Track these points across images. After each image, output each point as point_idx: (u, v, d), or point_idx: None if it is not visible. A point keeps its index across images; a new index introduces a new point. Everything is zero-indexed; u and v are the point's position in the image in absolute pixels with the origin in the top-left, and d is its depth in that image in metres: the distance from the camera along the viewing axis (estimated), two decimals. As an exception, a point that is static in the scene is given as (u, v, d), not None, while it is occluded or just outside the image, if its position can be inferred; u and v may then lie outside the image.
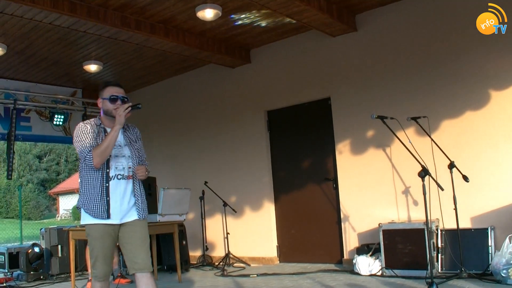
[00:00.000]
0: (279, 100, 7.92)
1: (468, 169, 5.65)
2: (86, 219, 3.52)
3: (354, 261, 6.39)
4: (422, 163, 4.98)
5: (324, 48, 7.37)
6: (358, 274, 6.22)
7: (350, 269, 6.53)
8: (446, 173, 5.64)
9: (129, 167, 3.62)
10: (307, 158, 7.75)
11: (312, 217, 7.56)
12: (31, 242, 8.51)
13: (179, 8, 6.54)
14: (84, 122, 3.61)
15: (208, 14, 6.51)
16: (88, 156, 3.42)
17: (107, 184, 3.50)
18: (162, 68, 9.14)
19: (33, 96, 9.00)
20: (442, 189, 5.04)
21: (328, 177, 7.40)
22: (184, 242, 8.03)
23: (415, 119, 5.80)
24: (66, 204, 33.58)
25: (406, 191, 6.48)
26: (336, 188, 7.25)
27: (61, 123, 9.21)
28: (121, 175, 3.57)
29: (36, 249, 7.64)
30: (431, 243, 5.70)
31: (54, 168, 40.70)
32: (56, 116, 9.09)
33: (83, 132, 3.51)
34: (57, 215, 34.87)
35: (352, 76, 7.10)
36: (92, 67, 8.43)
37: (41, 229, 8.46)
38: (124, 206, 3.55)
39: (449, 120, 6.20)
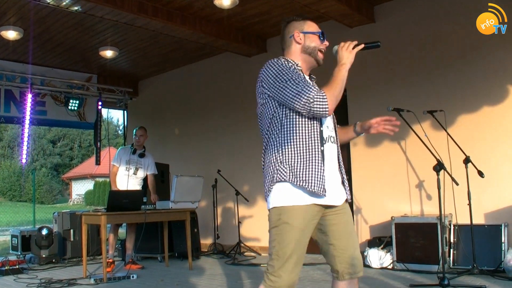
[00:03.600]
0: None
1: (484, 164, 5.58)
2: (290, 197, 2.49)
3: (365, 254, 6.37)
4: (438, 157, 4.94)
5: (341, 39, 7.26)
6: (369, 266, 6.20)
7: (361, 261, 6.51)
8: (461, 168, 5.57)
9: (334, 129, 2.72)
10: (320, 149, 7.71)
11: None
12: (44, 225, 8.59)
13: (196, -5, 6.54)
14: (279, 59, 2.64)
15: (225, 1, 6.51)
16: (319, 98, 2.41)
17: (322, 148, 2.54)
18: (178, 56, 9.14)
19: (48, 80, 9.03)
20: (457, 184, 4.99)
21: (341, 169, 7.36)
22: (195, 230, 8.07)
23: (431, 112, 5.74)
24: (79, 189, 33.91)
25: (420, 185, 6.44)
26: (350, 180, 7.22)
27: (76, 108, 9.27)
28: (332, 137, 2.66)
29: (43, 232, 7.67)
30: (444, 238, 5.66)
31: (68, 153, 41.06)
32: (71, 101, 9.15)
33: (290, 69, 2.54)
34: (70, 199, 35.24)
35: (369, 67, 7.03)
36: (108, 53, 8.46)
37: (54, 213, 8.54)
38: (336, 181, 2.63)
39: (465, 115, 6.14)
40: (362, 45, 2.63)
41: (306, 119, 2.53)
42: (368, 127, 2.78)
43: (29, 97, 8.44)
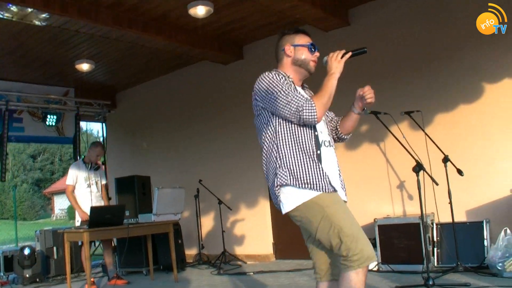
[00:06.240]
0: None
1: (462, 162, 5.64)
2: (305, 195, 2.58)
3: (350, 257, 6.38)
4: (417, 158, 4.97)
5: (318, 43, 7.29)
6: (354, 269, 6.21)
7: (346, 265, 6.52)
8: (440, 167, 5.62)
9: (328, 134, 2.87)
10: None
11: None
12: (26, 244, 8.46)
13: (171, 6, 6.52)
14: (270, 72, 2.76)
15: (200, 11, 6.48)
16: (308, 106, 2.55)
17: (318, 152, 2.67)
18: (155, 66, 9.10)
19: (25, 96, 8.91)
20: (437, 184, 5.03)
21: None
22: (179, 241, 8.01)
23: (408, 113, 5.79)
24: (61, 203, 33.49)
25: (401, 186, 6.48)
26: (331, 184, 7.23)
27: (54, 123, 9.16)
28: (327, 141, 2.78)
29: (26, 252, 7.57)
30: (427, 237, 5.69)
31: (49, 168, 40.57)
32: (48, 116, 9.04)
33: (281, 81, 2.68)
34: (52, 215, 34.79)
35: (345, 70, 7.03)
36: (84, 66, 8.37)
37: (36, 231, 8.44)
38: (338, 182, 2.73)
39: (442, 114, 6.21)
40: (350, 53, 2.80)
41: (299, 126, 2.67)
42: (360, 100, 2.97)
43: (6, 114, 8.30)
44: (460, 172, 5.43)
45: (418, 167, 4.88)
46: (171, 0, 6.34)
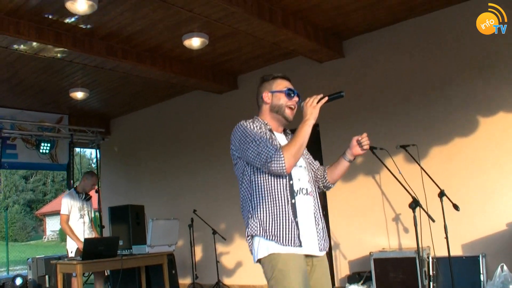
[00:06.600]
0: (267, 126, 7.90)
1: (458, 195, 5.59)
2: (270, 247, 2.57)
3: (345, 290, 6.34)
4: (413, 194, 4.94)
5: (312, 74, 7.37)
6: (350, 303, 6.18)
7: (342, 298, 6.48)
8: (436, 200, 5.58)
9: (309, 181, 2.78)
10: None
11: (302, 244, 7.47)
12: (17, 270, 8.37)
13: (165, 37, 6.53)
14: (245, 121, 2.76)
15: (195, 42, 6.49)
16: (277, 157, 2.50)
17: (293, 201, 2.61)
18: (149, 94, 9.10)
19: (19, 123, 8.87)
20: (433, 221, 4.97)
21: (317, 204, 7.33)
22: (173, 271, 7.92)
23: (404, 147, 5.77)
24: (53, 225, 33.15)
25: (397, 218, 6.45)
26: (326, 215, 7.19)
27: (47, 151, 9.11)
28: (305, 189, 2.71)
29: (18, 282, 7.49)
30: (423, 271, 5.65)
31: (41, 189, 40.23)
32: (42, 144, 8.99)
33: (254, 131, 2.65)
34: (44, 236, 34.43)
35: (340, 102, 7.02)
36: (79, 95, 8.36)
37: (28, 259, 8.34)
38: (313, 232, 2.66)
39: (438, 147, 6.20)
40: (326, 98, 2.71)
41: (273, 176, 2.63)
42: (354, 150, 2.89)
43: (-1, 141, 8.25)
44: (456, 207, 5.38)
45: (415, 204, 4.83)
46: (165, 32, 6.35)
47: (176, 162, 9.32)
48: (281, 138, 2.80)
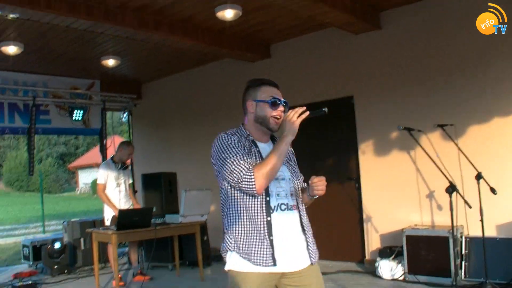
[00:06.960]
0: (299, 96, 7.75)
1: (495, 177, 5.49)
2: (239, 264, 2.51)
3: (376, 264, 6.37)
4: (450, 179, 4.87)
5: (347, 46, 7.19)
6: (380, 277, 6.22)
7: (372, 271, 6.53)
8: (473, 182, 5.48)
9: (291, 194, 2.64)
10: (328, 156, 7.65)
11: (333, 216, 7.46)
12: (52, 225, 8.52)
13: (197, 8, 6.42)
14: (226, 132, 2.68)
15: (228, 14, 6.35)
16: (247, 178, 2.42)
17: (268, 218, 2.51)
18: (181, 61, 9.02)
19: (52, 91, 8.93)
20: (470, 207, 4.93)
21: (350, 177, 7.31)
22: (205, 238, 8.07)
23: (441, 126, 5.65)
24: (85, 178, 34.00)
25: (431, 195, 6.38)
26: (359, 188, 7.16)
27: (80, 118, 9.14)
28: (284, 204, 2.59)
29: (56, 246, 7.73)
30: (455, 251, 5.63)
31: (73, 142, 41.03)
32: (75, 111, 9.02)
33: (231, 146, 2.56)
34: (77, 188, 35.37)
35: (376, 75, 6.91)
36: (110, 62, 8.32)
37: (63, 221, 8.57)
38: (292, 247, 2.58)
39: (476, 126, 6.01)
40: (307, 113, 2.47)
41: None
42: (310, 190, 2.65)
43: (33, 110, 8.33)
44: (493, 190, 5.28)
45: (452, 188, 4.79)
46: (197, 3, 6.23)
47: (207, 128, 9.28)
48: (265, 148, 2.64)
